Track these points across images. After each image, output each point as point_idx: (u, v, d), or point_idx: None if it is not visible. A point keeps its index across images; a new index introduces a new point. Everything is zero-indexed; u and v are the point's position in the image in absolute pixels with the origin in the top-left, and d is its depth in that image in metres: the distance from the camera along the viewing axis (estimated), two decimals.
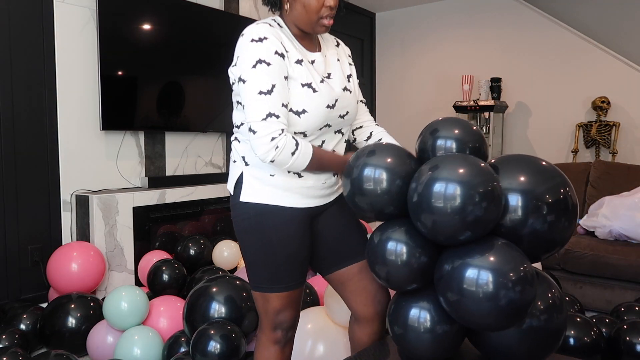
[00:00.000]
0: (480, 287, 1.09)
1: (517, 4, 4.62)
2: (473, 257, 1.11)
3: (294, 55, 1.30)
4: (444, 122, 1.31)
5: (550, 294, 1.18)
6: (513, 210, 1.14)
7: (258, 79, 1.23)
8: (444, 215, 1.10)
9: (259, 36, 1.25)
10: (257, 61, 1.24)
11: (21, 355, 1.87)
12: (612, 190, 3.39)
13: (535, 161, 1.20)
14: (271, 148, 1.22)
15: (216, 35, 3.64)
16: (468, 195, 1.09)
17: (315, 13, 1.29)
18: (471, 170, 1.12)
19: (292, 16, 1.33)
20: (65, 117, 2.88)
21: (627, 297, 2.75)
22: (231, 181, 1.40)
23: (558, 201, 1.13)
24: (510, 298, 1.07)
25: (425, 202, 1.13)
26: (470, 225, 1.10)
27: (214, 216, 3.59)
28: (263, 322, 1.41)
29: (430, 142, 1.28)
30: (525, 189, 1.14)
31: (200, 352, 1.86)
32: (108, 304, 2.16)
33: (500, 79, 4.56)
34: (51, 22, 2.81)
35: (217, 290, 2.06)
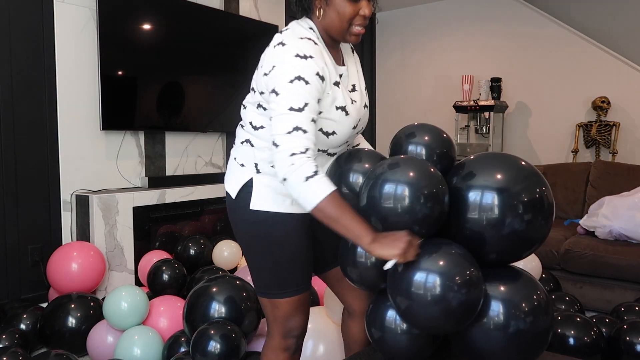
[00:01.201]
0: (428, 290, 1.12)
1: (518, 4, 4.62)
2: (422, 261, 1.15)
3: (333, 76, 1.27)
4: (414, 128, 1.35)
5: (535, 295, 1.17)
6: (489, 209, 1.15)
7: (293, 95, 1.18)
8: (394, 215, 1.16)
9: (304, 53, 1.20)
10: (296, 77, 1.18)
11: (21, 355, 1.87)
12: (612, 190, 3.39)
13: (512, 160, 1.20)
14: (288, 164, 1.15)
15: (216, 35, 3.64)
16: (415, 196, 1.14)
17: (348, 21, 1.26)
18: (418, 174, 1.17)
19: (323, 23, 1.29)
20: (65, 117, 2.88)
21: (627, 297, 2.75)
22: (234, 184, 1.34)
23: (534, 200, 1.14)
24: (458, 300, 1.11)
25: (377, 202, 1.18)
26: (419, 222, 1.15)
27: (214, 216, 3.59)
28: (273, 328, 1.39)
29: (403, 149, 1.33)
30: (501, 188, 1.15)
31: (200, 352, 1.86)
32: (108, 303, 2.16)
33: (500, 79, 4.56)
34: (51, 22, 2.81)
35: (217, 290, 2.06)
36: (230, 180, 1.36)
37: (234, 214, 1.36)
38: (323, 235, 1.44)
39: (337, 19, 1.26)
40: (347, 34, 1.29)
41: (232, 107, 3.81)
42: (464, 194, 1.19)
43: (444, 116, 4.92)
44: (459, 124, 4.62)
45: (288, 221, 1.32)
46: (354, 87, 1.37)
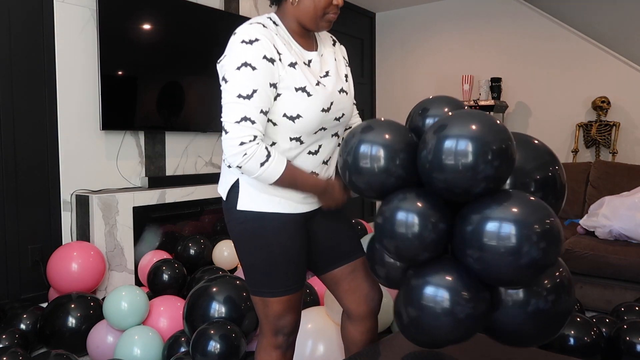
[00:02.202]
0: (503, 240, 1.03)
1: (517, 4, 4.62)
2: (493, 210, 1.06)
3: (288, 58, 1.27)
4: (433, 101, 1.29)
5: (558, 272, 1.11)
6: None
7: (240, 82, 1.20)
8: (456, 172, 1.05)
9: (249, 38, 1.22)
10: (242, 64, 1.20)
11: (21, 355, 1.87)
12: (612, 190, 3.40)
13: (527, 139, 1.18)
14: (238, 153, 1.19)
15: (216, 35, 3.64)
16: (481, 152, 1.04)
17: (322, 9, 1.29)
18: (484, 127, 1.06)
19: (297, 10, 1.30)
20: (65, 117, 2.88)
21: (627, 297, 2.75)
22: (224, 186, 1.37)
23: (546, 178, 1.12)
24: (537, 251, 1.01)
25: (437, 159, 1.08)
26: (484, 180, 1.06)
27: (214, 216, 3.59)
28: (264, 326, 1.40)
29: (421, 122, 1.25)
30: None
31: (200, 352, 1.86)
32: (108, 303, 2.16)
33: (500, 79, 4.56)
34: (51, 22, 2.81)
35: (217, 290, 2.07)
36: (222, 182, 1.39)
37: (226, 215, 1.37)
38: (322, 237, 1.44)
39: (312, 7, 1.29)
40: (320, 21, 1.32)
41: None
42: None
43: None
44: None
45: (276, 220, 1.32)
46: (327, 73, 1.37)
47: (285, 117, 1.27)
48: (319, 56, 1.38)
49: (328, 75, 1.37)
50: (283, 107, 1.26)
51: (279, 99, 1.26)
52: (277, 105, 1.26)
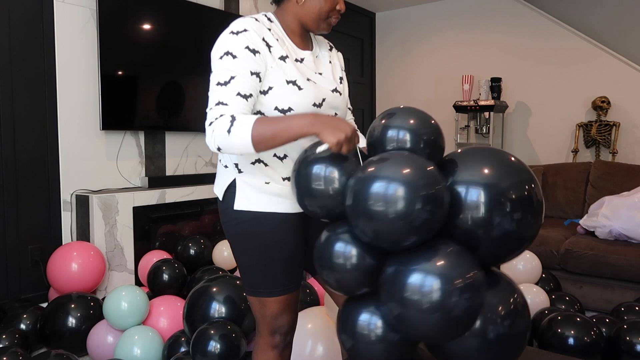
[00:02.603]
0: (425, 295, 1.02)
1: (517, 4, 4.62)
2: (418, 263, 1.06)
3: (278, 51, 1.27)
4: (398, 111, 1.22)
5: (512, 299, 1.11)
6: (474, 206, 1.07)
7: (220, 71, 1.22)
8: (384, 221, 1.04)
9: (237, 29, 1.24)
10: (224, 52, 1.22)
11: (21, 355, 1.87)
12: (612, 190, 3.40)
13: (501, 155, 1.13)
14: (209, 133, 1.18)
15: (216, 35, 3.63)
16: (411, 197, 1.03)
17: (326, 12, 1.32)
18: (415, 171, 1.06)
19: (301, 9, 1.32)
20: (65, 117, 2.88)
21: (627, 297, 2.75)
22: (220, 186, 1.36)
23: (522, 198, 1.07)
24: (458, 306, 1.03)
25: (362, 205, 1.06)
26: (416, 229, 1.05)
27: (214, 216, 3.59)
28: (261, 326, 1.39)
29: (380, 133, 1.18)
30: (488, 184, 1.07)
31: (200, 352, 1.86)
32: (108, 303, 2.16)
33: (500, 79, 4.56)
34: (51, 22, 2.81)
35: (217, 290, 2.07)
36: (217, 182, 1.38)
37: (222, 215, 1.37)
38: (318, 237, 1.45)
39: (317, 9, 1.31)
40: (322, 23, 1.34)
41: None
42: (454, 192, 1.10)
43: (444, 116, 4.92)
44: (459, 124, 4.62)
45: (273, 220, 1.31)
46: (321, 73, 1.38)
47: (276, 110, 1.26)
48: (313, 56, 1.38)
49: (321, 75, 1.38)
50: (274, 100, 1.26)
51: (270, 92, 1.26)
52: (268, 99, 1.26)
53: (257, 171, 1.31)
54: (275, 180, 1.32)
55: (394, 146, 1.15)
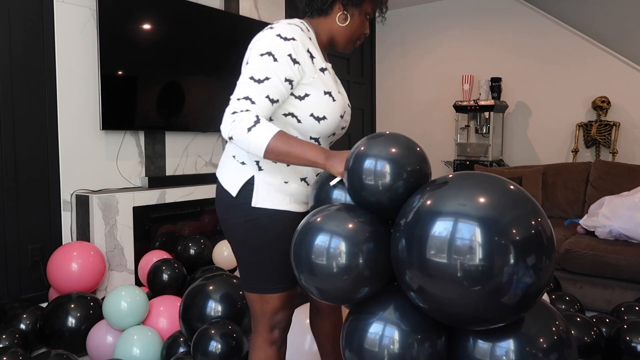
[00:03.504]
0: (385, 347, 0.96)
1: (518, 4, 4.62)
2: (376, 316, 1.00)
3: (319, 63, 1.33)
4: (381, 138, 1.11)
5: (554, 327, 0.95)
6: (468, 250, 0.85)
7: (257, 67, 1.24)
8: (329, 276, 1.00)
9: (286, 35, 1.26)
10: (267, 52, 1.24)
11: (21, 355, 1.87)
12: (612, 190, 3.40)
13: (500, 184, 0.93)
14: (228, 121, 1.20)
15: (216, 35, 3.64)
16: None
17: (358, 35, 1.40)
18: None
19: (339, 28, 1.37)
20: (65, 117, 2.88)
21: (627, 297, 2.75)
22: (235, 182, 1.35)
23: (530, 237, 0.87)
24: None
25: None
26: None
27: (214, 216, 3.59)
28: (259, 323, 1.40)
29: (357, 167, 1.09)
30: (485, 218, 0.86)
31: (201, 352, 1.86)
32: (108, 303, 2.16)
33: (500, 79, 4.56)
34: (51, 22, 2.81)
35: (214, 289, 2.06)
36: (229, 179, 1.36)
37: (232, 211, 1.36)
38: None
39: (351, 30, 1.38)
40: (350, 44, 1.42)
41: None
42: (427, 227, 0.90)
43: (444, 116, 4.92)
44: (459, 123, 4.62)
45: (285, 218, 1.34)
46: (341, 88, 1.45)
47: (312, 117, 1.31)
48: (332, 69, 1.43)
49: (341, 87, 1.45)
50: (311, 107, 1.30)
51: (307, 99, 1.30)
52: (304, 105, 1.30)
53: (277, 170, 1.33)
54: (292, 180, 1.36)
55: (371, 179, 1.06)
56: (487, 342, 0.94)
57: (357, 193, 1.09)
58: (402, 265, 0.94)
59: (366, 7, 1.36)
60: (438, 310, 0.92)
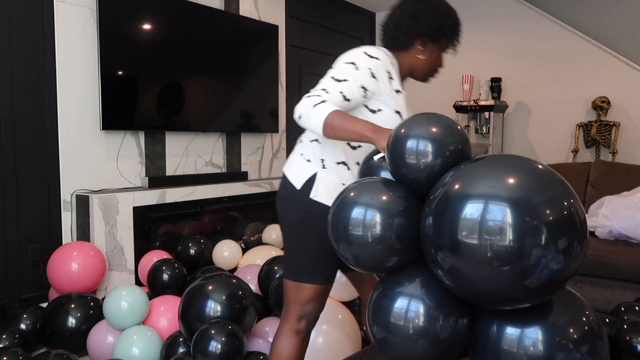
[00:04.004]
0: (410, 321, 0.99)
1: (518, 4, 4.62)
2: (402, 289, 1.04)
3: (396, 84, 1.47)
4: (420, 118, 1.13)
5: (584, 317, 0.92)
6: (499, 230, 0.84)
7: (340, 71, 1.40)
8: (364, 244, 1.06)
9: (372, 54, 1.44)
10: (351, 62, 1.41)
11: (21, 355, 1.87)
12: (612, 190, 3.39)
13: (528, 164, 0.92)
14: (301, 102, 1.34)
15: (216, 35, 3.64)
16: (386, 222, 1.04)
17: (435, 68, 1.59)
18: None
19: (419, 62, 1.53)
20: (65, 117, 2.88)
21: (627, 297, 2.75)
22: (300, 177, 1.47)
23: (562, 219, 0.85)
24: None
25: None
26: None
27: (214, 216, 3.59)
28: (290, 310, 1.49)
29: (399, 144, 1.10)
30: (517, 198, 0.85)
31: (201, 352, 1.86)
32: (108, 303, 2.16)
33: (500, 79, 4.56)
34: (51, 22, 2.81)
35: (213, 289, 2.05)
36: (296, 173, 1.50)
37: (292, 202, 1.48)
38: None
39: (430, 63, 1.56)
40: (428, 75, 1.60)
41: (232, 107, 3.81)
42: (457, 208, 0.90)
43: None
44: (459, 123, 4.62)
45: None
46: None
47: None
48: (405, 97, 1.58)
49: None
50: (381, 122, 1.39)
51: (380, 113, 1.44)
52: (376, 118, 1.42)
53: (338, 172, 1.46)
54: (349, 182, 1.43)
55: (413, 158, 1.08)
56: (515, 330, 0.93)
57: (397, 170, 1.12)
58: (431, 244, 0.96)
59: (444, 44, 1.54)
60: (463, 287, 0.92)
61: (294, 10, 4.47)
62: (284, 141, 4.38)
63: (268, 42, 4.06)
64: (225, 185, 3.58)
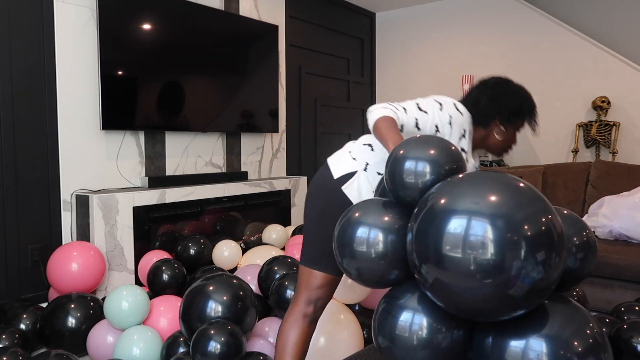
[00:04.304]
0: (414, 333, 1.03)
1: (518, 4, 4.62)
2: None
3: (465, 144, 1.55)
4: (415, 141, 1.18)
5: (588, 330, 0.93)
6: (480, 245, 0.89)
7: (427, 104, 1.51)
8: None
9: (460, 109, 1.54)
10: (439, 103, 1.52)
11: (21, 355, 1.87)
12: (612, 190, 3.39)
13: (507, 180, 0.97)
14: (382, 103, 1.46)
15: (216, 35, 3.64)
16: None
17: (510, 145, 1.64)
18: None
19: (495, 141, 1.61)
20: (65, 117, 2.88)
21: (627, 297, 2.75)
22: (342, 169, 1.54)
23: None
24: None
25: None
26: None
27: (214, 216, 3.59)
28: (301, 294, 1.56)
29: (397, 170, 1.15)
30: (500, 214, 0.90)
31: (200, 352, 1.86)
32: (109, 303, 2.16)
33: None
34: (51, 22, 2.81)
35: (214, 289, 2.05)
36: (338, 165, 1.56)
37: (324, 191, 1.54)
38: None
39: (505, 142, 1.62)
40: (502, 152, 1.66)
41: (232, 107, 3.81)
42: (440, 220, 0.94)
43: None
44: None
45: None
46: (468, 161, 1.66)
47: None
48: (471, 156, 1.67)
49: (476, 161, 1.70)
50: None
51: None
52: None
53: (376, 181, 1.51)
54: None
55: (411, 179, 1.12)
56: (519, 343, 0.94)
57: (395, 191, 1.18)
58: (417, 259, 0.99)
59: (519, 124, 1.61)
60: (451, 302, 0.96)
61: (294, 10, 4.47)
62: (284, 141, 4.38)
63: (268, 42, 4.06)
64: (225, 185, 3.58)
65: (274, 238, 3.56)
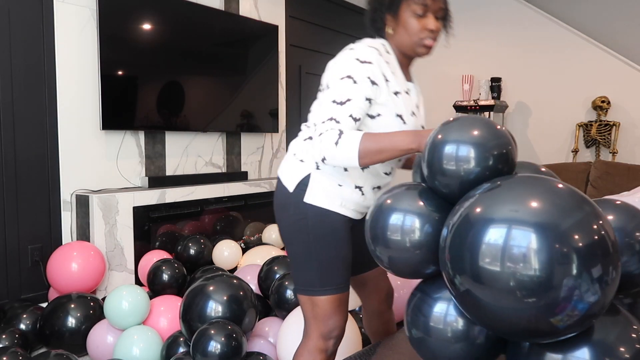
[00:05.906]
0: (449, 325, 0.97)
1: (518, 4, 4.62)
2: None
3: (394, 86, 1.33)
4: (457, 122, 1.05)
5: (634, 334, 0.84)
6: (522, 259, 0.76)
7: (338, 91, 1.27)
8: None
9: (363, 58, 1.30)
10: (346, 76, 1.28)
11: (21, 355, 1.87)
12: (612, 190, 3.40)
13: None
14: (318, 144, 1.24)
15: (216, 35, 3.64)
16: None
17: (416, 34, 1.35)
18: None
19: (395, 40, 1.38)
20: (65, 117, 2.88)
21: None
22: (293, 178, 1.39)
23: (593, 243, 0.77)
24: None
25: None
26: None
27: (214, 216, 3.59)
28: (312, 328, 1.40)
29: (436, 150, 1.03)
30: (544, 223, 0.77)
31: (200, 352, 1.86)
32: (109, 303, 2.16)
33: (500, 79, 4.56)
34: (51, 22, 2.81)
35: (214, 289, 2.05)
36: (289, 175, 1.41)
37: (286, 208, 1.40)
38: (360, 243, 1.46)
39: (406, 34, 1.36)
40: (417, 47, 1.38)
41: (232, 107, 3.81)
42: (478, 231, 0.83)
43: (444, 116, 4.91)
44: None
45: (335, 220, 1.37)
46: (418, 108, 1.45)
47: None
48: (415, 88, 1.45)
49: (418, 109, 1.45)
50: (380, 127, 1.32)
51: (378, 118, 1.32)
52: (374, 124, 1.33)
53: (335, 173, 1.36)
54: (347, 185, 1.37)
55: (453, 164, 1.00)
56: (558, 352, 0.85)
57: (432, 178, 1.05)
58: (451, 268, 0.90)
59: (407, 8, 1.34)
60: (481, 317, 0.86)
61: (294, 10, 4.47)
62: (284, 141, 4.38)
63: (268, 42, 4.06)
64: (225, 185, 3.58)
65: (274, 238, 3.56)
